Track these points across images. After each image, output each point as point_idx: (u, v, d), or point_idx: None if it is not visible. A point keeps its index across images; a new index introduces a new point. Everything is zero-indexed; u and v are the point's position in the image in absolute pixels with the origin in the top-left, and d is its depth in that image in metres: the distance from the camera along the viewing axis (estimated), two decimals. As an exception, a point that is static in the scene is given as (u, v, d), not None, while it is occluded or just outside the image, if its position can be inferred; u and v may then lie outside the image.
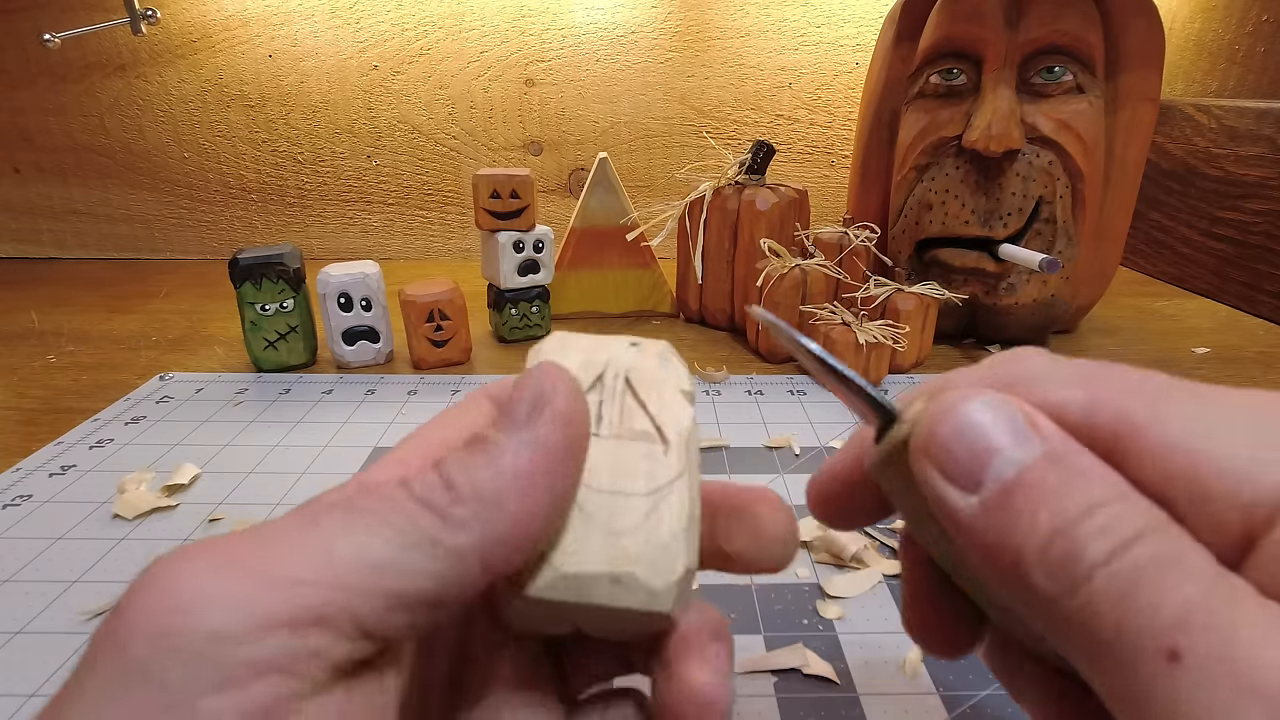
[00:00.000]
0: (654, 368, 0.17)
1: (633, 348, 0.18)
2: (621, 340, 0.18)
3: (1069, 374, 0.14)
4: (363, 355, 0.53)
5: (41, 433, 0.44)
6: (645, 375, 0.17)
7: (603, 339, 0.18)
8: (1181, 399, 0.13)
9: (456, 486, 0.14)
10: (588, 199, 0.61)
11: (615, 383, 0.17)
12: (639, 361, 0.17)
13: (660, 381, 0.17)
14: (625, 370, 0.17)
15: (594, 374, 0.17)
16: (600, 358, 0.17)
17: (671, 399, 0.17)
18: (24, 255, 0.87)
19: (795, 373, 0.53)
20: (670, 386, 0.17)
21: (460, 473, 0.14)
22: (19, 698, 0.26)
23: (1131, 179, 0.56)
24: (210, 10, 0.78)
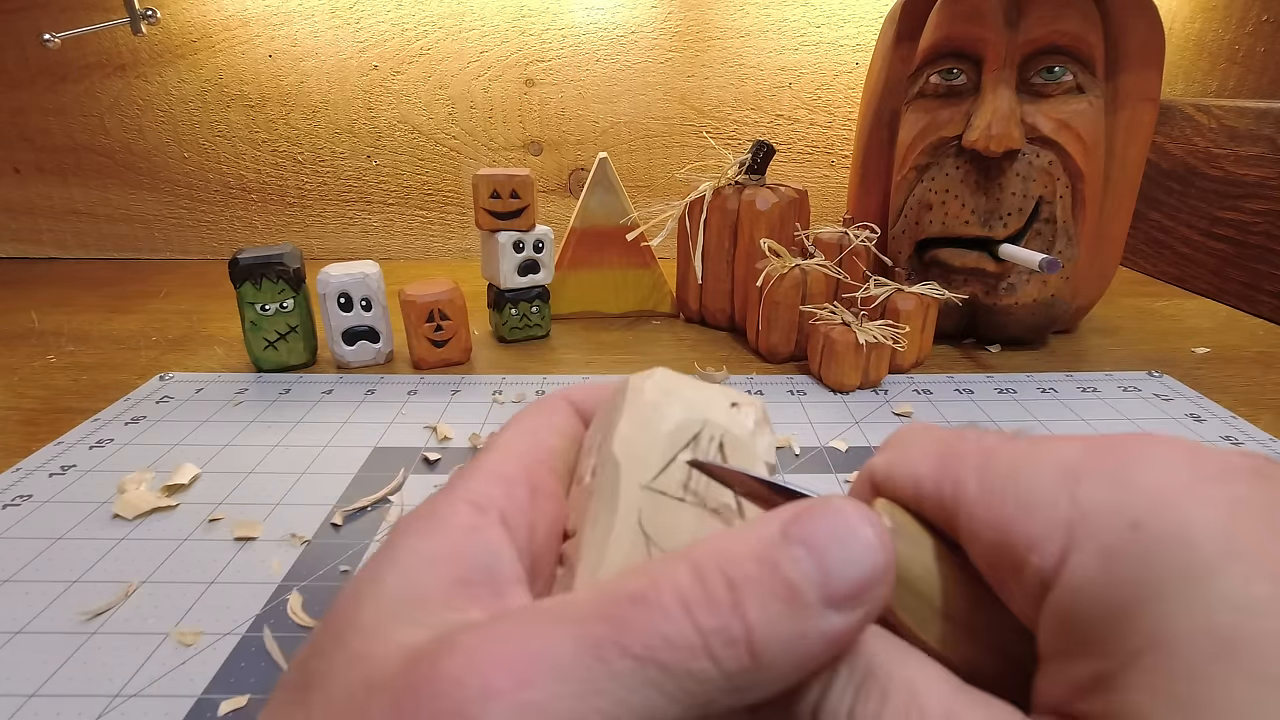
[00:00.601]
0: (748, 435, 0.16)
1: (733, 408, 0.17)
2: (723, 397, 0.17)
3: (924, 449, 0.15)
4: (363, 355, 0.53)
5: (41, 433, 0.44)
6: (738, 443, 0.16)
7: (705, 390, 0.17)
8: (1003, 462, 0.14)
9: (759, 657, 0.12)
10: (588, 199, 0.61)
11: (710, 446, 0.16)
12: (735, 426, 0.16)
13: (751, 453, 0.16)
14: (721, 434, 0.16)
15: (691, 432, 0.16)
16: (699, 415, 0.16)
17: (757, 473, 0.16)
18: (24, 255, 0.87)
19: (795, 373, 0.53)
20: (759, 459, 0.17)
21: (767, 639, 0.12)
22: (19, 698, 0.26)
23: (1131, 179, 0.56)
24: (210, 10, 0.78)
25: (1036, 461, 0.13)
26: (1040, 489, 0.13)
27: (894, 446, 0.16)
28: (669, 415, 0.16)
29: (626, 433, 0.16)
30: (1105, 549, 0.12)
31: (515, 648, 0.11)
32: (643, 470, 0.16)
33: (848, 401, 0.49)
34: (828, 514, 0.13)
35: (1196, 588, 0.11)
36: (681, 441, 0.16)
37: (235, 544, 0.34)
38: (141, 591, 0.31)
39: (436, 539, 0.14)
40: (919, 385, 0.51)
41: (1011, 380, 0.52)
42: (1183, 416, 0.47)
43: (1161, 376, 0.53)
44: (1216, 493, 0.12)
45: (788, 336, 0.54)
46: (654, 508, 0.15)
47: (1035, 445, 0.14)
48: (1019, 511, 0.13)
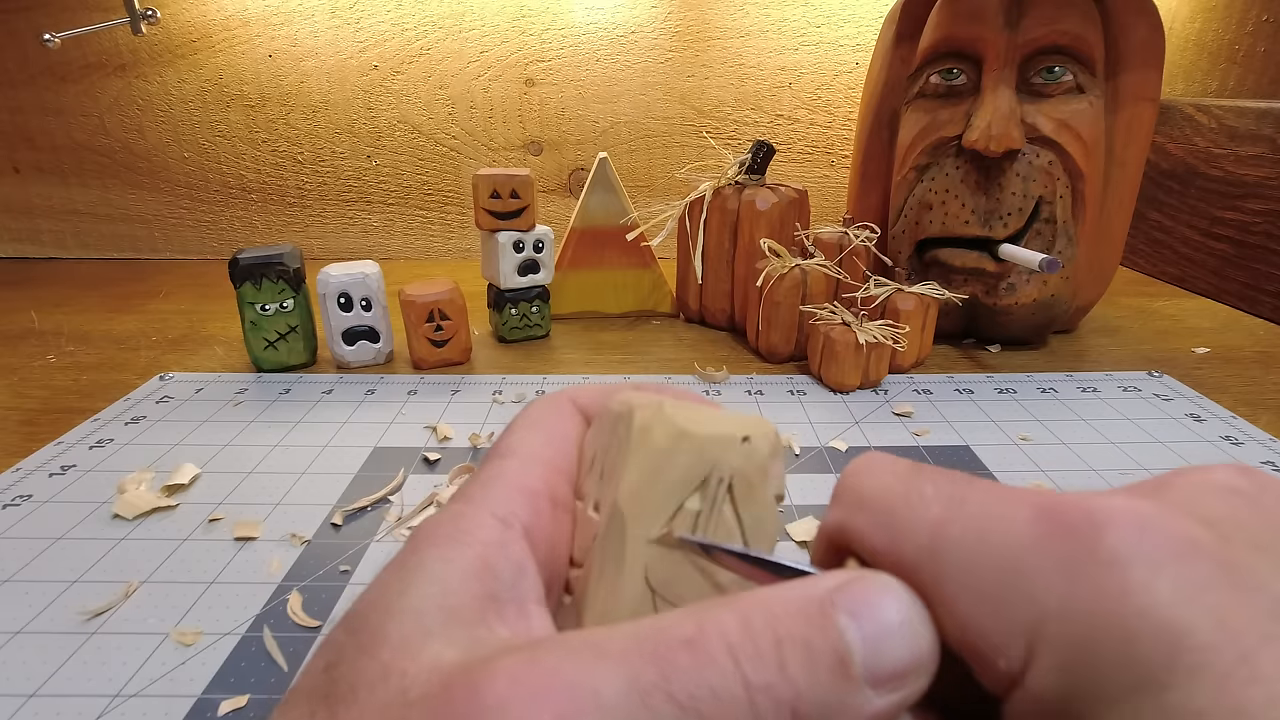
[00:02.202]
0: (757, 472, 0.16)
1: (744, 444, 0.16)
2: (734, 429, 0.16)
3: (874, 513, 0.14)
4: (363, 355, 0.53)
5: (41, 433, 0.44)
6: (748, 484, 0.16)
7: (715, 424, 0.16)
8: (952, 544, 0.13)
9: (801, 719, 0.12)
10: (588, 199, 0.61)
11: (719, 489, 0.16)
12: (745, 464, 0.16)
13: (760, 493, 0.16)
14: (730, 475, 0.16)
15: (700, 475, 0.16)
16: (710, 457, 0.16)
17: (766, 513, 0.16)
18: (24, 255, 0.87)
19: (795, 373, 0.53)
20: (768, 500, 0.16)
21: (814, 706, 0.12)
22: (19, 698, 0.26)
23: (1131, 179, 0.56)
24: (210, 10, 0.78)
25: (989, 545, 0.13)
26: (996, 584, 0.12)
27: (841, 504, 0.16)
28: (677, 463, 0.15)
29: (633, 483, 0.15)
30: (1062, 664, 0.11)
31: (560, 680, 0.11)
32: (649, 524, 0.15)
33: (848, 401, 0.49)
34: (877, 586, 0.13)
35: (1149, 702, 0.11)
36: (690, 486, 0.16)
37: (235, 544, 0.34)
38: (141, 591, 0.31)
39: (466, 552, 0.14)
40: (919, 385, 0.51)
41: (1011, 380, 0.52)
42: (1183, 416, 0.47)
43: (1161, 376, 0.53)
44: (1174, 583, 0.11)
45: (788, 336, 0.54)
46: (660, 561, 0.15)
47: (985, 517, 0.13)
48: (977, 608, 0.12)
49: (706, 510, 0.16)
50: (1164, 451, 0.43)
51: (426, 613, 0.13)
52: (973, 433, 0.45)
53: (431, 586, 0.13)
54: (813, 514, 0.36)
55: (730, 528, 0.16)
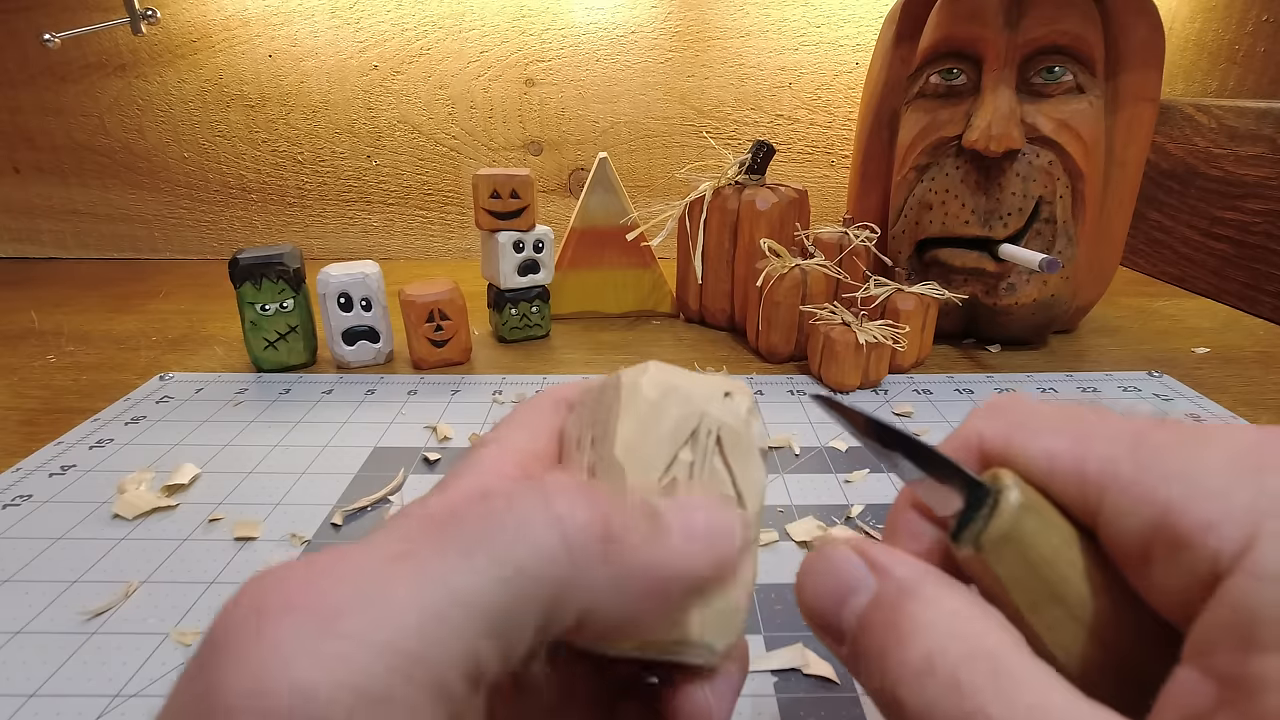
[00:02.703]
0: (742, 424, 0.17)
1: (726, 399, 0.17)
2: (716, 386, 0.17)
3: (1056, 422, 0.15)
4: (363, 355, 0.53)
5: (41, 433, 0.44)
6: (734, 434, 0.17)
7: (699, 381, 0.17)
8: (1163, 444, 0.13)
9: (611, 539, 0.14)
10: (588, 199, 0.61)
11: (708, 441, 0.16)
12: (729, 417, 0.17)
13: (746, 442, 0.17)
14: (718, 426, 0.17)
15: (690, 428, 0.16)
16: (697, 409, 0.16)
17: (752, 462, 0.17)
18: (24, 255, 0.87)
19: (795, 373, 0.53)
20: (753, 448, 0.17)
21: (622, 533, 0.14)
22: (19, 698, 0.26)
23: (1131, 179, 0.56)
24: (210, 10, 0.78)
25: (1206, 446, 0.13)
26: (1214, 473, 0.12)
27: (1005, 416, 0.16)
28: (668, 413, 0.16)
29: (627, 435, 0.16)
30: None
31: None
32: (647, 473, 0.16)
33: (848, 401, 0.49)
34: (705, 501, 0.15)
35: None
36: (681, 438, 0.16)
37: (235, 544, 0.34)
38: (141, 591, 0.31)
39: None
40: (919, 385, 0.51)
41: (1011, 380, 0.52)
42: (1182, 416, 0.47)
43: (1161, 376, 0.53)
44: None
45: (788, 336, 0.54)
46: None
47: (1199, 431, 0.13)
48: (1190, 492, 0.12)
49: (699, 461, 0.16)
50: (1164, 451, 0.43)
51: None
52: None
53: None
54: (813, 514, 0.36)
55: (722, 478, 0.16)
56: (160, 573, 0.32)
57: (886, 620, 0.14)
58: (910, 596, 0.14)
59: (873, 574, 0.15)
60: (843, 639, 0.15)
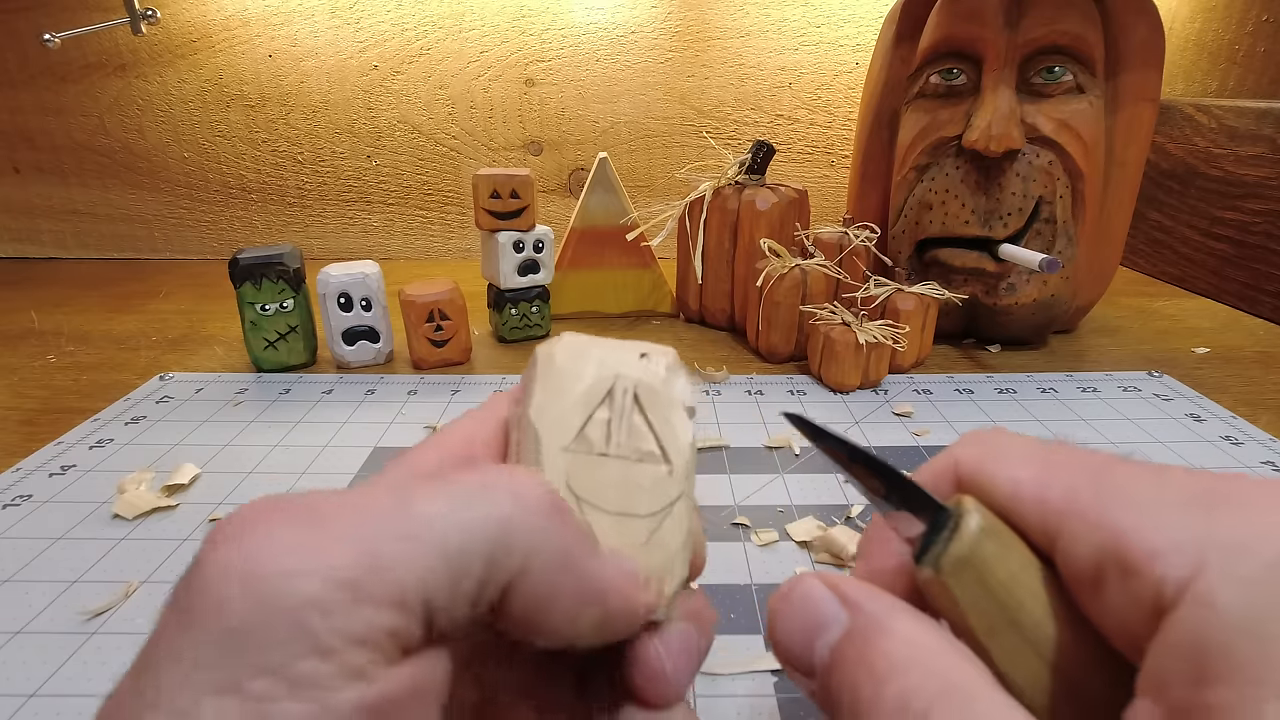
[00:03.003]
0: (661, 382, 0.17)
1: (643, 359, 0.17)
2: (632, 349, 0.18)
3: (1026, 452, 0.16)
4: (363, 355, 0.53)
5: (41, 433, 0.44)
6: (652, 391, 0.17)
7: (614, 346, 0.18)
8: (1123, 477, 0.14)
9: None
10: (588, 199, 0.61)
11: (624, 399, 0.17)
12: (647, 376, 0.17)
13: (666, 398, 0.17)
14: (634, 385, 0.17)
15: (605, 388, 0.17)
16: (611, 371, 0.17)
17: (675, 417, 0.17)
18: (24, 255, 0.87)
19: (795, 373, 0.53)
20: (675, 403, 0.17)
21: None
22: (19, 698, 0.26)
23: (1131, 179, 0.56)
24: (210, 10, 0.78)
25: (1164, 482, 0.14)
26: (1167, 506, 0.13)
27: (981, 445, 0.17)
28: (582, 376, 0.17)
29: (542, 400, 0.16)
30: (1246, 578, 0.11)
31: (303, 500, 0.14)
32: (562, 434, 0.16)
33: (848, 401, 0.49)
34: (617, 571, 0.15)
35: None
36: (596, 399, 0.17)
37: (235, 544, 0.34)
38: (141, 591, 0.31)
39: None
40: (919, 385, 0.51)
41: (1011, 380, 0.52)
42: (1182, 416, 0.47)
43: (1161, 376, 0.53)
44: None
45: (788, 336, 0.54)
46: (579, 468, 0.16)
47: (1160, 469, 0.14)
48: (1142, 521, 0.13)
49: (616, 419, 0.17)
50: (1164, 451, 0.43)
51: None
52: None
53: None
54: (813, 514, 0.36)
55: (643, 433, 0.17)
56: (160, 573, 0.32)
57: (859, 656, 0.14)
58: (882, 632, 0.14)
59: (844, 609, 0.15)
60: (812, 674, 0.15)
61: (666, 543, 0.16)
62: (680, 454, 0.17)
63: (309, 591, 0.12)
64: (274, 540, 0.12)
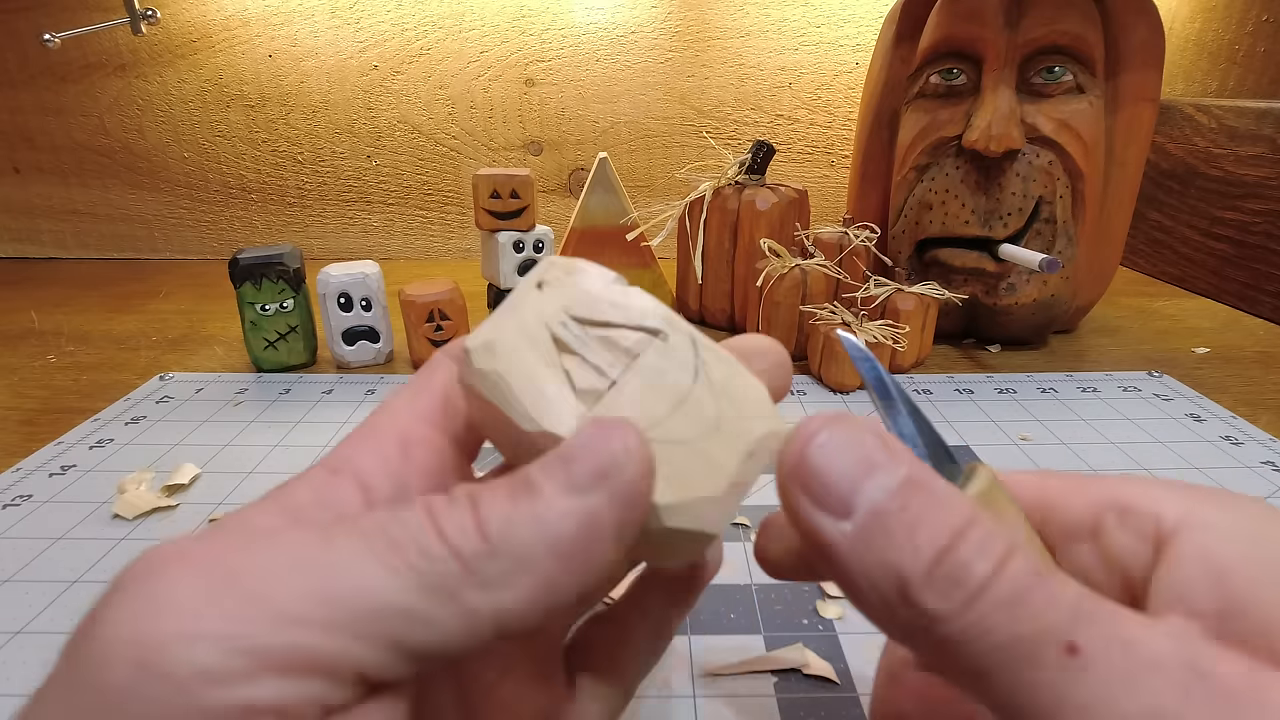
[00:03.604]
0: (584, 291, 0.16)
1: (542, 289, 0.16)
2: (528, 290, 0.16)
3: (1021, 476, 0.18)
4: (363, 355, 0.53)
5: (41, 433, 0.44)
6: (585, 303, 0.16)
7: (511, 302, 0.16)
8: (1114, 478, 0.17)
9: (491, 538, 0.12)
10: (588, 199, 0.61)
11: (571, 331, 0.15)
12: (565, 297, 0.16)
13: (597, 295, 0.16)
14: (563, 314, 0.15)
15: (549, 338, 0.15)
16: (536, 319, 0.15)
17: (622, 299, 0.16)
18: (24, 255, 0.87)
19: (795, 373, 0.53)
20: (608, 293, 0.16)
21: (499, 522, 0.12)
22: (19, 698, 0.26)
23: (1131, 179, 0.56)
24: (210, 10, 0.78)
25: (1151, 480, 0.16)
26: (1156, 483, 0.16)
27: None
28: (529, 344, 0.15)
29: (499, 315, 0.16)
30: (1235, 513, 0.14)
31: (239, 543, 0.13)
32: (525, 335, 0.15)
33: (848, 401, 0.49)
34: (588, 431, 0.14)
35: None
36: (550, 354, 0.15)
37: (235, 544, 0.34)
38: (141, 591, 0.31)
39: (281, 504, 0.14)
40: (919, 385, 0.51)
41: (1011, 380, 0.52)
42: (1182, 416, 0.47)
43: (1161, 376, 0.53)
44: None
45: (788, 336, 0.54)
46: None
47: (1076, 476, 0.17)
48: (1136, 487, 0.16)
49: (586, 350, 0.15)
50: (1164, 452, 0.43)
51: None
52: (973, 433, 0.45)
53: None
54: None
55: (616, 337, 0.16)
56: (160, 573, 0.32)
57: (918, 514, 0.13)
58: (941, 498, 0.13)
59: (899, 462, 0.13)
60: (849, 514, 0.13)
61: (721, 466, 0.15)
62: (661, 318, 0.16)
63: (201, 660, 0.11)
64: (171, 598, 0.11)
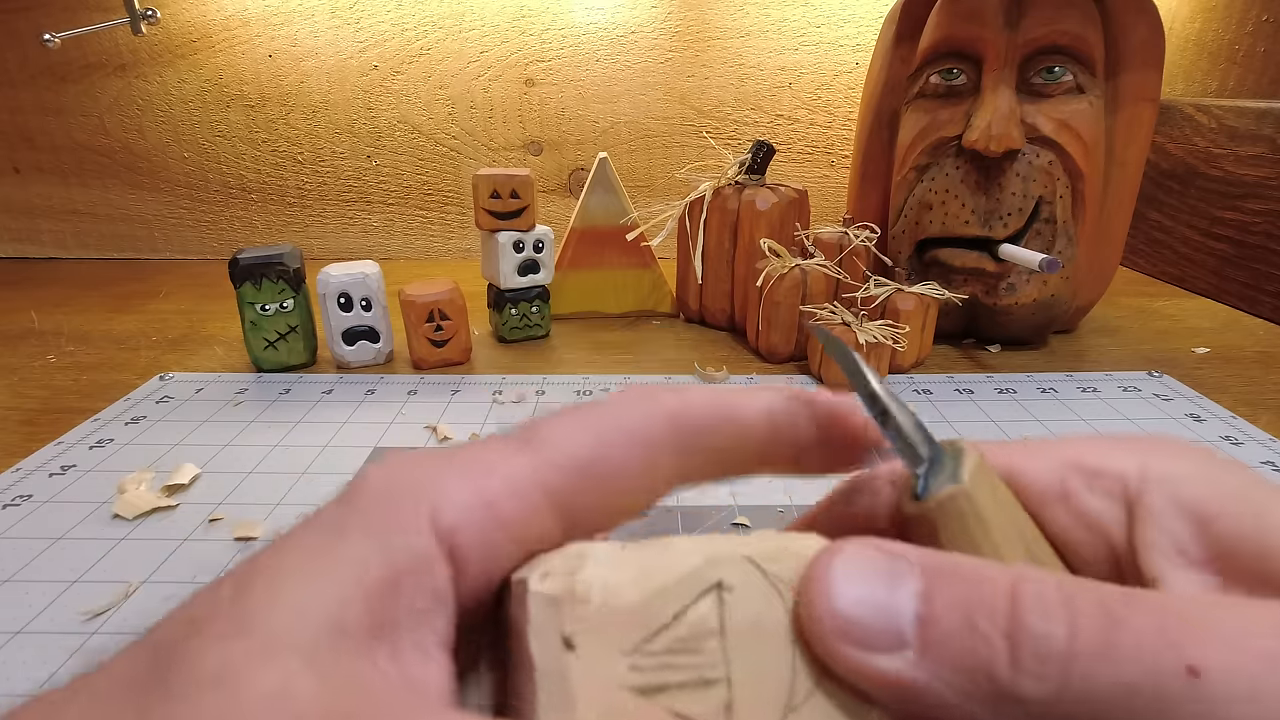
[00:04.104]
0: (612, 606, 0.12)
1: (574, 646, 0.11)
2: (560, 656, 0.11)
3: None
4: (363, 355, 0.53)
5: (41, 433, 0.44)
6: (628, 621, 0.11)
7: (549, 690, 0.11)
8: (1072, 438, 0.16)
9: None
10: (588, 199, 0.61)
11: (646, 675, 0.11)
12: (605, 638, 0.11)
13: (628, 591, 0.12)
14: (623, 664, 0.11)
15: (632, 698, 0.11)
16: (603, 693, 0.11)
17: (654, 565, 0.12)
18: (24, 255, 0.87)
19: (795, 373, 0.53)
20: (635, 571, 0.12)
21: None
22: (19, 698, 0.26)
23: (1131, 179, 0.56)
24: (210, 10, 0.78)
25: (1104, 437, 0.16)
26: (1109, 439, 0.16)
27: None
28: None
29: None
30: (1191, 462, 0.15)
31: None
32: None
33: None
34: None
35: None
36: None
37: (235, 544, 0.34)
38: (141, 591, 0.31)
39: (381, 559, 0.11)
40: (919, 385, 0.51)
41: (1011, 380, 0.52)
42: (1182, 416, 0.47)
43: (1161, 376, 0.53)
44: None
45: (788, 336, 0.54)
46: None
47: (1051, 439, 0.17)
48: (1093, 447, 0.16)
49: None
50: (1164, 451, 0.43)
51: (310, 619, 0.11)
52: (973, 433, 0.45)
53: (331, 589, 0.11)
54: (813, 514, 0.36)
55: None
56: (160, 573, 0.32)
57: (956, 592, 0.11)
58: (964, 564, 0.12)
59: (896, 559, 0.12)
60: (903, 641, 0.11)
61: None
62: (705, 558, 0.12)
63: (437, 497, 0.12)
64: (420, 473, 0.13)
